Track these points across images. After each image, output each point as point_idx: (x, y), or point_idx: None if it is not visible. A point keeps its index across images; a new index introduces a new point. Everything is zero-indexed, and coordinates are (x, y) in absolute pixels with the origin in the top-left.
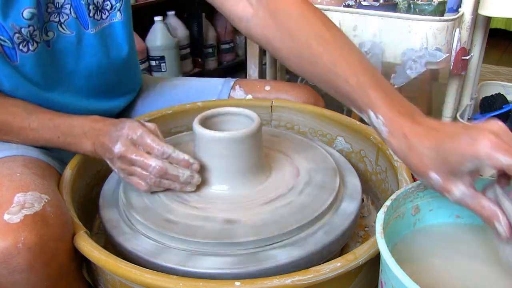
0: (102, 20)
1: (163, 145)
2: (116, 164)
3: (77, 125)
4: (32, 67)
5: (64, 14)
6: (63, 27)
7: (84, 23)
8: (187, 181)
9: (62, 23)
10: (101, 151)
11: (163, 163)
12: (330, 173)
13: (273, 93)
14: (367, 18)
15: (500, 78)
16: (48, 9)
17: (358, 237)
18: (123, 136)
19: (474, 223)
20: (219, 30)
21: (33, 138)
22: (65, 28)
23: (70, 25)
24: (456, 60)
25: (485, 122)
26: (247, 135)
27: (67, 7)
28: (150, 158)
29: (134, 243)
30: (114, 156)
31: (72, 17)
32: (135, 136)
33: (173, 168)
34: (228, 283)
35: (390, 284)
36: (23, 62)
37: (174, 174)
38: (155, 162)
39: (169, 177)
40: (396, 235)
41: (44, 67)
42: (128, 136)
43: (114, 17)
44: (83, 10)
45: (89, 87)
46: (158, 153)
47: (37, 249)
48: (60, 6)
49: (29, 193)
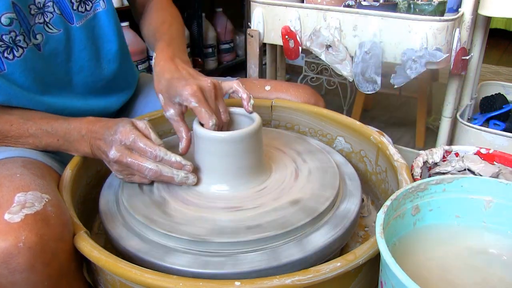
0: (87, 12)
1: (156, 149)
2: (113, 167)
3: (74, 128)
4: (22, 73)
5: (47, 13)
6: (49, 26)
7: (69, 17)
8: (182, 181)
9: (47, 23)
10: (98, 153)
11: (157, 166)
12: (330, 173)
13: (273, 93)
14: (367, 18)
15: (500, 78)
16: (31, 11)
17: (358, 237)
18: (116, 142)
19: (474, 223)
20: (219, 30)
21: (33, 143)
22: (52, 27)
23: (56, 23)
24: (456, 60)
25: (203, 78)
26: (247, 135)
27: (50, 5)
28: (145, 161)
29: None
30: (110, 161)
31: (56, 14)
32: (128, 141)
33: (168, 170)
34: (228, 283)
35: (390, 284)
36: (11, 69)
37: (169, 176)
38: (150, 165)
39: (164, 178)
40: (396, 235)
41: (35, 72)
42: (121, 142)
43: (98, 6)
44: (65, 4)
45: (83, 85)
46: (151, 156)
47: (37, 248)
48: (43, 6)
49: (29, 193)
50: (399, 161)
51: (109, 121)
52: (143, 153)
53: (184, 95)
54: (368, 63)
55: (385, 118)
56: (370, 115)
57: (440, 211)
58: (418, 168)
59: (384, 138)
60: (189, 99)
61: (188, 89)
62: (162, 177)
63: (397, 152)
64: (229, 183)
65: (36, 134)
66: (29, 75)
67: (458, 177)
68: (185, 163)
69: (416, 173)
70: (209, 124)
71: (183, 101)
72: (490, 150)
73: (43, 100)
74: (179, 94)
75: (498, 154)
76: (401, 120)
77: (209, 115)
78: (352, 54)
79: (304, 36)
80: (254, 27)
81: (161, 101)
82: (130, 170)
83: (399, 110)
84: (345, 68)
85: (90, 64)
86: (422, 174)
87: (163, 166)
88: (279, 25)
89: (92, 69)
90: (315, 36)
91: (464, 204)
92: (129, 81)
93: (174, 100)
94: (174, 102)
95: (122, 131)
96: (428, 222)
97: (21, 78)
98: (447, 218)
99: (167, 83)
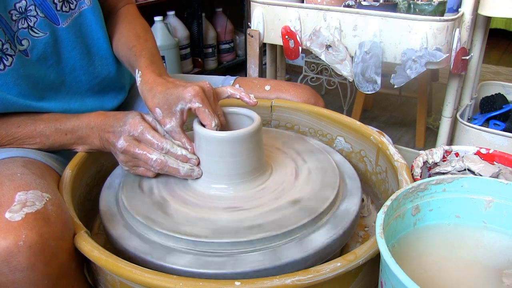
0: (72, 11)
1: (163, 141)
2: (120, 158)
3: (84, 122)
4: (15, 81)
5: (31, 17)
6: (35, 30)
7: (54, 19)
8: (188, 174)
9: (32, 27)
10: (107, 145)
11: (164, 156)
12: (330, 173)
13: (273, 92)
14: (367, 18)
15: (500, 78)
16: (12, 17)
17: (358, 237)
18: (125, 132)
19: (474, 223)
20: (219, 30)
21: (40, 141)
22: (37, 30)
23: (41, 26)
24: (456, 60)
25: (199, 81)
26: (247, 134)
27: (32, 8)
28: (152, 152)
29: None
30: (118, 151)
31: (40, 17)
32: (136, 132)
33: (173, 161)
34: (228, 283)
35: (390, 284)
36: (4, 80)
37: (174, 167)
38: (156, 156)
39: (169, 169)
40: (396, 235)
41: (28, 78)
42: (130, 133)
43: (83, 4)
44: (48, 6)
45: (77, 84)
46: (158, 148)
47: (38, 247)
48: (24, 10)
49: (30, 192)
50: (399, 161)
51: (118, 113)
52: (150, 145)
53: (188, 97)
54: (368, 63)
55: (385, 118)
56: (370, 115)
57: (440, 211)
58: (418, 168)
59: (384, 138)
60: (193, 100)
61: (190, 91)
62: (167, 168)
63: (397, 152)
64: (230, 183)
65: (43, 131)
66: (23, 83)
67: (458, 177)
68: (190, 156)
69: (416, 173)
70: (212, 125)
71: (187, 104)
72: (490, 150)
73: (41, 106)
74: (182, 98)
75: (498, 154)
76: (401, 120)
77: (212, 116)
78: (352, 54)
79: (304, 36)
80: (254, 27)
81: (159, 116)
82: (136, 162)
83: (399, 110)
84: (345, 68)
85: (82, 63)
86: (422, 174)
87: (169, 158)
88: (279, 25)
89: (85, 67)
90: (315, 36)
91: (464, 204)
92: (125, 78)
93: (175, 109)
94: (175, 111)
95: (131, 122)
96: (428, 222)
97: (16, 87)
98: (447, 218)
99: (164, 94)
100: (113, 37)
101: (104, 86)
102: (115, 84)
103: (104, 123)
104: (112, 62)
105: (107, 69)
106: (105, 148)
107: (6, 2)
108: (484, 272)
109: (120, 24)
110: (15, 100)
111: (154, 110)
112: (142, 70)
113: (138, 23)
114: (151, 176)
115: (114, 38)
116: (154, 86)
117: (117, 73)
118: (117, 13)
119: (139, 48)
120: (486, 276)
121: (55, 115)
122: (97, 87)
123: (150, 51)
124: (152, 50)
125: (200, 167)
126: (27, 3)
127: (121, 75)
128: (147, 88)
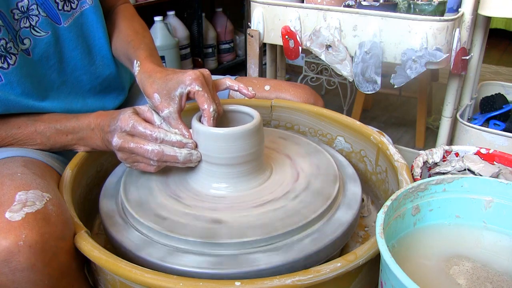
0: (73, 10)
1: (155, 131)
2: (118, 155)
3: (84, 123)
4: (19, 80)
5: (32, 16)
6: (36, 29)
7: (55, 18)
8: (187, 158)
9: (34, 26)
10: (108, 145)
11: (159, 146)
12: (330, 180)
13: (273, 92)
14: (367, 18)
15: (500, 78)
16: (15, 16)
17: (358, 237)
18: (117, 130)
19: (474, 223)
20: (219, 30)
21: (40, 142)
22: (39, 30)
23: (42, 26)
24: (456, 60)
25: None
26: (245, 131)
27: (34, 8)
28: (147, 144)
29: (123, 235)
30: (114, 148)
31: (42, 17)
32: (127, 127)
33: (170, 149)
34: (228, 283)
35: (390, 284)
36: (8, 79)
37: (172, 155)
38: (152, 147)
39: (167, 158)
40: (396, 235)
41: (31, 77)
42: (122, 129)
43: (84, 3)
44: (50, 5)
45: (79, 83)
46: (152, 139)
47: (38, 247)
48: (26, 9)
49: (30, 191)
50: (399, 161)
51: (114, 112)
52: (144, 137)
53: (188, 80)
54: (368, 63)
55: (385, 118)
56: (370, 115)
57: (440, 211)
58: (418, 168)
59: (384, 138)
60: (193, 83)
61: (191, 74)
62: (165, 157)
63: (397, 152)
64: (229, 181)
65: (44, 132)
66: (27, 82)
67: (458, 177)
68: (186, 141)
69: (416, 173)
70: (210, 109)
71: (186, 87)
72: (490, 150)
73: (43, 107)
74: (181, 82)
75: (498, 154)
76: (401, 120)
77: (211, 100)
78: (352, 54)
79: (304, 36)
80: (254, 27)
81: (157, 102)
82: (134, 157)
83: (399, 110)
84: (345, 68)
85: (83, 63)
86: (422, 174)
87: (165, 146)
88: (279, 25)
89: (86, 67)
90: (315, 36)
91: (464, 204)
92: (125, 78)
93: (174, 93)
94: (174, 96)
95: (121, 118)
96: (428, 222)
97: (19, 86)
98: (447, 218)
99: (163, 80)
100: (111, 34)
101: (105, 86)
102: (116, 84)
103: (103, 124)
104: (113, 62)
105: (109, 69)
106: (107, 148)
107: (8, 1)
108: (485, 272)
109: (118, 21)
110: (17, 100)
111: (152, 96)
112: (141, 61)
113: (136, 20)
114: (152, 171)
115: (112, 34)
116: (153, 73)
117: (118, 73)
118: (114, 11)
119: (137, 42)
120: (487, 276)
121: (55, 116)
122: (99, 87)
123: (148, 45)
124: (150, 45)
125: (196, 167)
126: (29, 2)
127: (121, 75)
128: (145, 76)
